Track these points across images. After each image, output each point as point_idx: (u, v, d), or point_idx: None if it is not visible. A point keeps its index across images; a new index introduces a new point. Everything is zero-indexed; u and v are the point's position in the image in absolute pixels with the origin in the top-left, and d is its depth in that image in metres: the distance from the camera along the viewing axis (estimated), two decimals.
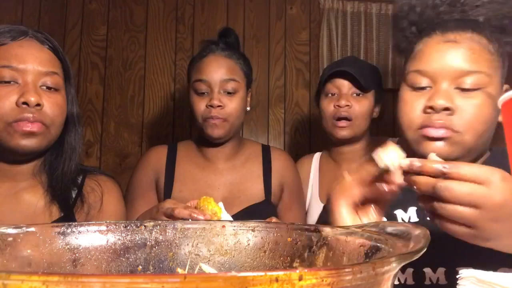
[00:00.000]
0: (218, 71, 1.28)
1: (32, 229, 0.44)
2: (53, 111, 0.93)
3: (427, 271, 0.79)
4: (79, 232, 0.46)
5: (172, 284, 0.23)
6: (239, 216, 1.24)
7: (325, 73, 1.50)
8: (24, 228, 0.43)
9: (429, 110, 0.80)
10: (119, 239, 0.48)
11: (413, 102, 0.83)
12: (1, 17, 2.12)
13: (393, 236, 0.40)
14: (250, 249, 0.51)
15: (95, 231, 0.47)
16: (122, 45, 2.23)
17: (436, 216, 0.58)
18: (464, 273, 0.60)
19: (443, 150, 0.79)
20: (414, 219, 0.80)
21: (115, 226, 0.49)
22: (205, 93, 1.28)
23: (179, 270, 0.48)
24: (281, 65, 2.30)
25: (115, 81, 2.21)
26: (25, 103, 0.88)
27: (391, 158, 0.59)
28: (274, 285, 0.24)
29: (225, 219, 0.98)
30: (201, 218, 0.95)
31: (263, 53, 2.30)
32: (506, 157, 0.53)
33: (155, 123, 2.22)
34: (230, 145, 1.36)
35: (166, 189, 1.31)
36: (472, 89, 0.79)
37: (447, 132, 0.79)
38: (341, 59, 1.85)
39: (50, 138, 0.94)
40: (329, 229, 0.47)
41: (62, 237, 0.45)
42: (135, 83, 2.22)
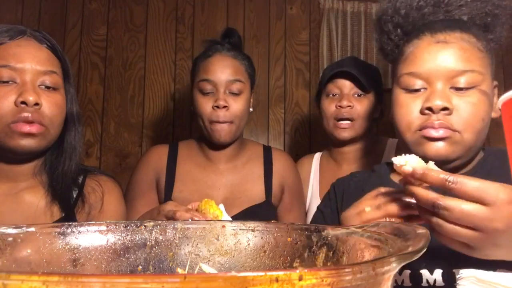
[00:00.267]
0: (225, 71, 1.27)
1: (32, 229, 0.44)
2: (51, 110, 0.93)
3: (424, 273, 0.78)
4: (79, 232, 0.46)
5: (172, 284, 0.23)
6: (239, 217, 1.24)
7: (326, 74, 1.50)
8: (24, 228, 0.43)
9: (427, 111, 0.80)
10: (119, 239, 0.48)
11: (409, 104, 0.84)
12: (1, 17, 2.12)
13: (393, 236, 0.40)
14: (250, 249, 0.50)
15: (95, 231, 0.47)
16: (122, 45, 2.23)
17: (435, 232, 0.57)
18: (464, 273, 0.60)
19: (444, 150, 0.80)
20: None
21: (115, 226, 0.49)
22: (210, 93, 1.27)
23: (179, 270, 0.48)
24: (281, 65, 2.30)
25: (115, 81, 2.21)
26: (23, 102, 0.88)
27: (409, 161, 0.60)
28: (274, 285, 0.24)
29: None
30: None
31: (263, 53, 2.30)
32: (499, 158, 0.53)
33: (155, 123, 2.22)
34: (232, 146, 1.35)
35: (167, 188, 1.31)
36: (466, 88, 0.80)
37: (446, 132, 0.79)
38: (341, 59, 1.85)
39: (49, 138, 0.94)
40: (329, 229, 0.47)
41: (62, 237, 0.45)
42: (135, 83, 2.22)
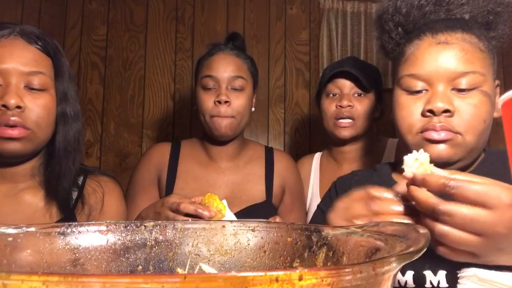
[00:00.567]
0: (227, 68, 1.30)
1: (32, 229, 0.44)
2: (36, 113, 0.89)
3: (427, 274, 0.78)
4: (79, 232, 0.46)
5: (172, 284, 0.23)
6: (239, 216, 1.23)
7: (326, 74, 1.50)
8: (24, 228, 0.43)
9: (428, 114, 0.80)
10: (119, 239, 0.48)
11: (410, 106, 0.83)
12: (1, 17, 2.12)
13: (393, 236, 0.40)
14: (250, 249, 0.50)
15: (95, 231, 0.47)
16: (122, 45, 2.23)
17: (437, 242, 0.56)
18: (465, 271, 0.59)
19: (446, 152, 0.79)
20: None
21: (115, 226, 0.48)
22: (213, 89, 1.30)
23: (179, 270, 0.48)
24: (281, 65, 2.30)
25: (115, 81, 2.21)
26: (4, 106, 0.85)
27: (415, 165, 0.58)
28: (274, 285, 0.24)
29: (228, 216, 0.98)
30: (206, 214, 0.95)
31: (263, 53, 2.30)
32: (500, 159, 0.52)
33: (155, 123, 2.22)
34: (234, 144, 1.37)
35: (168, 186, 1.32)
36: (468, 89, 0.79)
37: (448, 134, 0.79)
38: (341, 59, 1.85)
39: (37, 141, 0.91)
40: (329, 229, 0.47)
41: (62, 237, 0.45)
42: (135, 83, 2.22)
